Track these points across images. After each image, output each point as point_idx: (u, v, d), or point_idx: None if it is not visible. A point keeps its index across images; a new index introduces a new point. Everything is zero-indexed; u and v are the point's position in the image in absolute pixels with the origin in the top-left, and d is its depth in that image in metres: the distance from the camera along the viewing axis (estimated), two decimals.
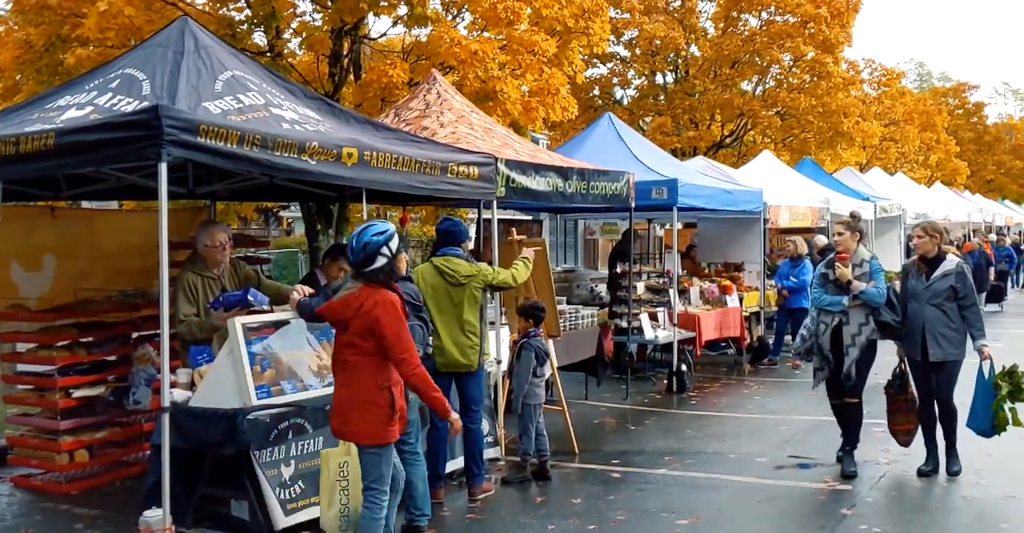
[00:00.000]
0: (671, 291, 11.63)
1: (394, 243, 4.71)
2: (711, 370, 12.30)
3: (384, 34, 14.03)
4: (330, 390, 5.72)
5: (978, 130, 52.43)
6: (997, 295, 19.73)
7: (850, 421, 6.93)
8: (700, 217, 14.26)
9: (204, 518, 5.48)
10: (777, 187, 14.75)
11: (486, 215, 7.37)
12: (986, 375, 6.58)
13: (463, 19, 13.45)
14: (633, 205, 9.57)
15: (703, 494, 6.39)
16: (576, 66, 13.67)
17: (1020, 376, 6.60)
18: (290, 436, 5.46)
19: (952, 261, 6.70)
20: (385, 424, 4.54)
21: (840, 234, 6.93)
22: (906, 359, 6.91)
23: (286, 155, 5.23)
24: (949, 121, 44.02)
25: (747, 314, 13.01)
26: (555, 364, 7.83)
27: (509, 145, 8.40)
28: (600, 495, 6.23)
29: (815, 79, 22.18)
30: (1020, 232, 35.36)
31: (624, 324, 10.53)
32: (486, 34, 12.18)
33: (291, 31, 12.44)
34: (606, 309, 10.94)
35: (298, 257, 22.31)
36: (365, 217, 7.26)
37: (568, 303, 10.57)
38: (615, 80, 23.89)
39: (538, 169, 7.88)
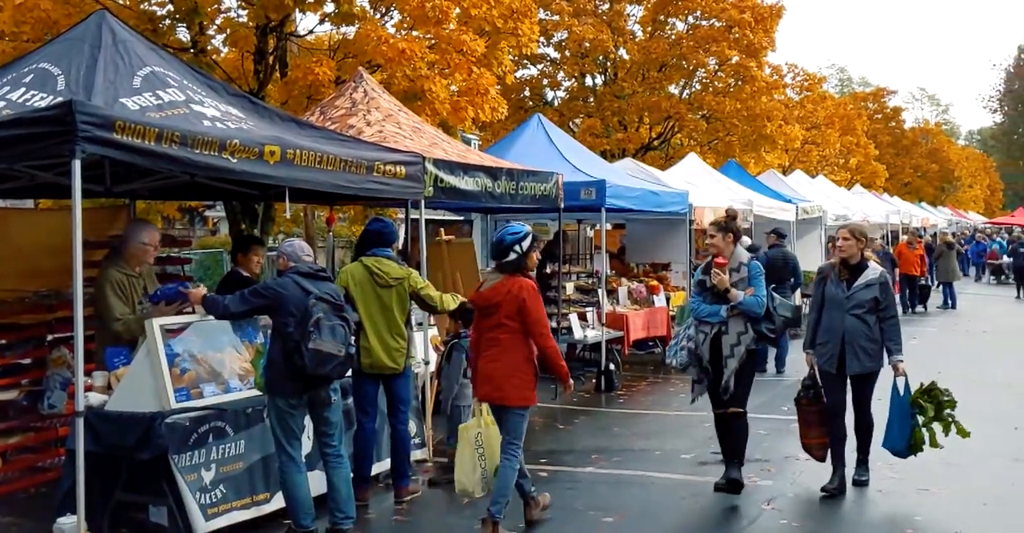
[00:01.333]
0: (600, 291, 11.75)
1: (526, 242, 5.61)
2: (639, 369, 12.43)
3: (311, 31, 13.88)
4: (253, 392, 5.68)
5: (896, 134, 54.14)
6: (924, 296, 20.34)
7: (735, 433, 6.43)
8: (628, 218, 14.41)
9: (121, 524, 5.35)
10: (702, 189, 15.01)
11: (414, 215, 7.32)
12: (901, 392, 6.35)
13: (391, 18, 13.41)
14: (562, 206, 9.63)
15: (630, 491, 6.45)
16: (506, 67, 13.70)
17: (939, 394, 6.42)
18: (210, 440, 5.35)
19: (875, 270, 6.38)
20: (532, 389, 5.57)
21: (711, 236, 6.40)
22: (817, 369, 6.52)
23: (206, 153, 5.13)
24: (868, 125, 45.30)
25: (674, 313, 13.20)
26: None
27: (438, 145, 8.37)
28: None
29: (739, 83, 22.64)
30: (934, 233, 36.57)
31: (553, 324, 10.58)
32: (414, 33, 12.15)
33: (215, 27, 12.21)
34: None
35: (223, 257, 21.89)
36: (289, 216, 7.16)
37: None
38: (545, 81, 24.03)
39: (467, 169, 7.88)
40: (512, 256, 5.56)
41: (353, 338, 5.59)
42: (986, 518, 5.86)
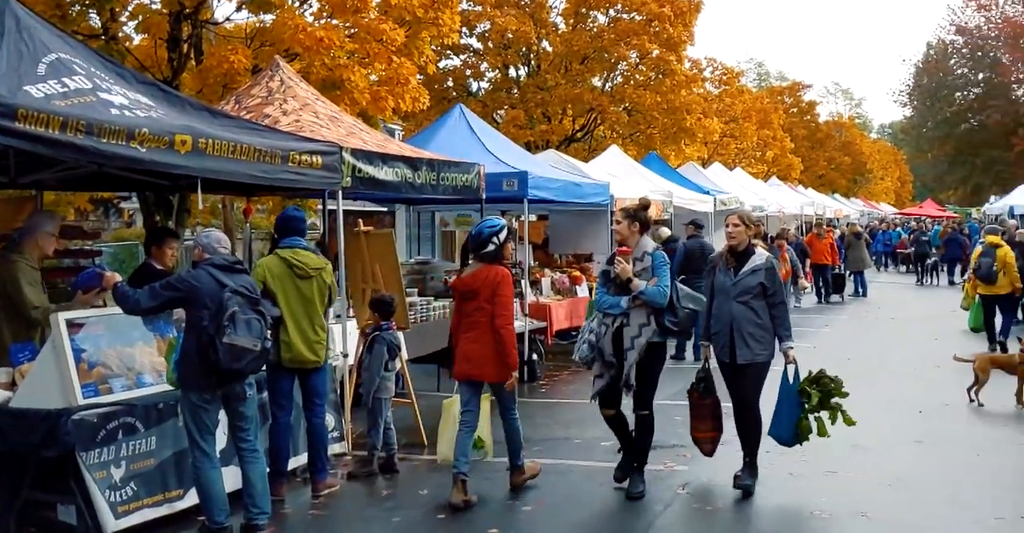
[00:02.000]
0: (523, 282, 11.79)
1: (503, 234, 6.13)
2: (562, 358, 12.52)
3: (228, 19, 13.59)
4: (165, 387, 5.56)
5: (811, 128, 55.54)
6: (838, 286, 20.89)
7: (640, 436, 6.23)
8: (551, 209, 14.50)
9: (29, 523, 5.20)
10: (624, 181, 15.19)
11: (332, 206, 7.24)
12: (790, 380, 6.23)
13: (310, 6, 13.21)
14: (484, 196, 9.64)
15: (550, 480, 6.50)
16: (427, 56, 13.64)
17: (827, 382, 6.29)
18: (120, 436, 5.23)
19: (761, 256, 6.18)
20: (504, 367, 6.06)
21: (617, 222, 6.15)
22: (714, 360, 6.36)
23: (114, 142, 4.99)
24: (784, 119, 46.36)
25: None
26: (405, 357, 7.80)
27: (356, 134, 8.29)
28: (448, 485, 6.23)
29: (660, 76, 22.96)
30: (848, 224, 37.66)
31: None
32: (334, 21, 12.00)
33: (127, 14, 11.87)
34: None
35: (138, 250, 21.31)
36: (202, 207, 7.02)
37: (422, 295, 10.56)
38: (468, 72, 23.98)
39: (386, 159, 7.82)
40: (491, 247, 6.12)
41: (269, 332, 5.52)
42: (889, 499, 6.07)
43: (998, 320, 12.57)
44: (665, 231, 14.52)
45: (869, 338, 14.73)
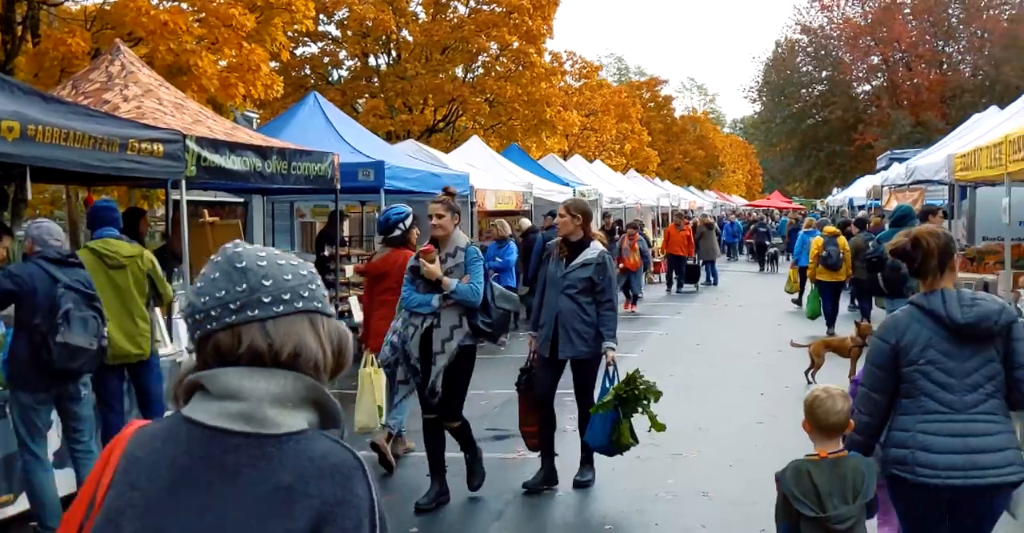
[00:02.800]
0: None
1: (408, 221, 6.61)
2: None
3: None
4: None
5: (667, 122, 57.30)
6: (693, 276, 21.57)
7: (438, 447, 5.77)
8: (411, 200, 14.41)
9: None
10: (484, 172, 15.27)
11: (175, 196, 6.98)
12: (608, 383, 5.95)
13: None
14: (338, 187, 9.50)
15: (402, 471, 6.49)
16: (280, 43, 13.33)
17: (639, 383, 5.88)
18: None
19: (595, 249, 5.92)
20: None
21: (439, 216, 5.53)
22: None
23: None
24: (642, 113, 47.63)
25: None
26: None
27: (202, 122, 8.01)
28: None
29: (520, 68, 23.17)
30: (700, 216, 39.07)
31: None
32: (181, 5, 11.55)
33: None
34: None
35: None
36: (29, 197, 6.64)
37: None
38: (326, 60, 23.55)
39: (234, 148, 7.59)
40: (397, 232, 6.57)
41: (105, 329, 5.28)
42: (730, 478, 6.34)
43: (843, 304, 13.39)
44: (525, 222, 14.74)
45: (718, 325, 15.33)
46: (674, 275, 20.70)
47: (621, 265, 15.83)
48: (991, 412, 3.25)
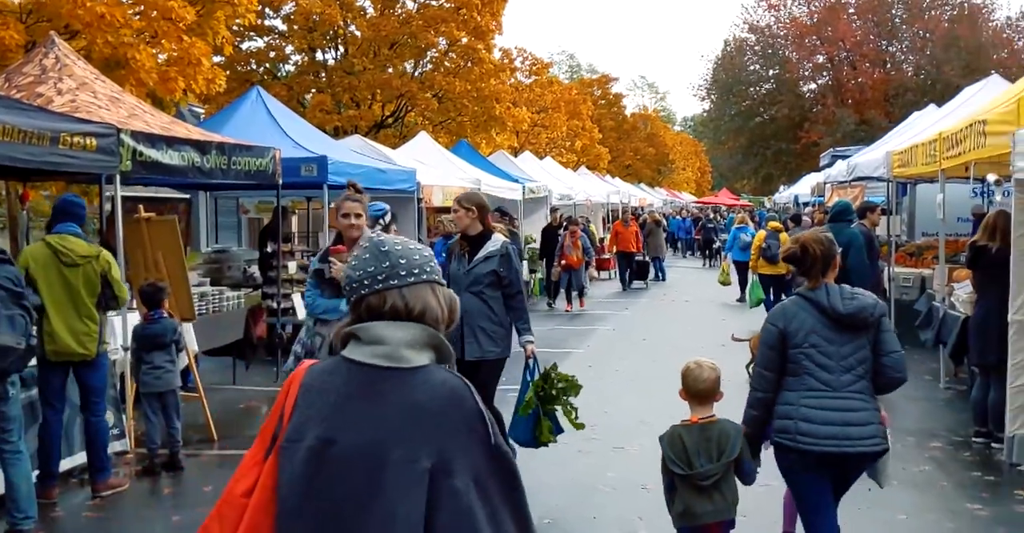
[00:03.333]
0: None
1: (388, 217, 6.89)
2: None
3: None
4: None
5: (618, 119, 57.59)
6: (642, 272, 21.66)
7: None
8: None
9: None
10: (432, 168, 15.20)
11: (109, 191, 6.84)
12: (529, 377, 5.79)
13: None
14: (280, 182, 9.38)
15: None
16: (224, 37, 13.11)
17: (555, 380, 5.71)
18: None
19: (497, 241, 5.71)
20: None
21: (358, 215, 5.07)
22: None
23: None
24: (593, 110, 47.83)
25: None
26: (192, 349, 7.49)
27: (138, 116, 7.86)
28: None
29: (469, 64, 23.09)
30: (648, 213, 39.38)
31: (275, 304, 10.31)
32: None
33: None
34: (260, 290, 10.66)
35: None
36: None
37: (218, 284, 10.18)
38: (272, 54, 23.25)
39: (171, 142, 7.47)
40: (378, 229, 6.50)
41: (35, 328, 5.17)
42: None
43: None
44: None
45: (664, 319, 15.47)
46: (626, 271, 20.76)
47: (564, 262, 15.94)
48: (861, 392, 3.80)
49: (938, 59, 46.82)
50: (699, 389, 4.01)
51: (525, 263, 17.28)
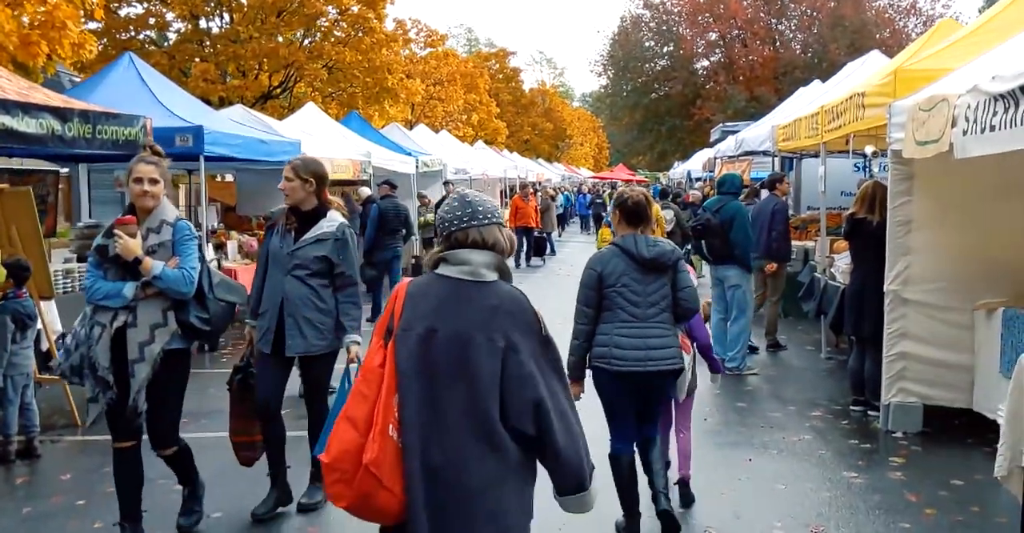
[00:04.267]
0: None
1: None
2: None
3: None
4: None
5: (516, 94, 57.45)
6: (540, 248, 21.62)
7: (180, 470, 4.74)
8: (239, 168, 13.82)
9: None
10: (319, 139, 14.75)
11: None
12: (348, 385, 4.37)
13: None
14: None
15: (209, 454, 6.07)
16: (93, 1, 12.35)
17: None
18: None
19: (333, 221, 4.86)
20: None
21: (153, 181, 4.29)
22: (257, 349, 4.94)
23: None
24: (491, 84, 47.53)
25: None
26: (53, 329, 7.03)
27: None
28: (96, 468, 5.66)
29: (360, 34, 22.48)
30: (544, 188, 39.48)
31: None
32: None
33: None
34: None
35: None
36: None
37: (85, 261, 9.63)
38: (152, 21, 22.16)
39: (28, 109, 6.94)
40: None
41: None
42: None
43: None
44: (365, 191, 14.31)
45: (556, 293, 15.40)
46: (524, 246, 20.65)
47: None
48: (663, 322, 4.55)
49: (824, 38, 48.18)
50: None
51: (418, 241, 16.97)
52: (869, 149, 7.27)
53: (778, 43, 52.61)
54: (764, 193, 10.73)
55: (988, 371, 6.19)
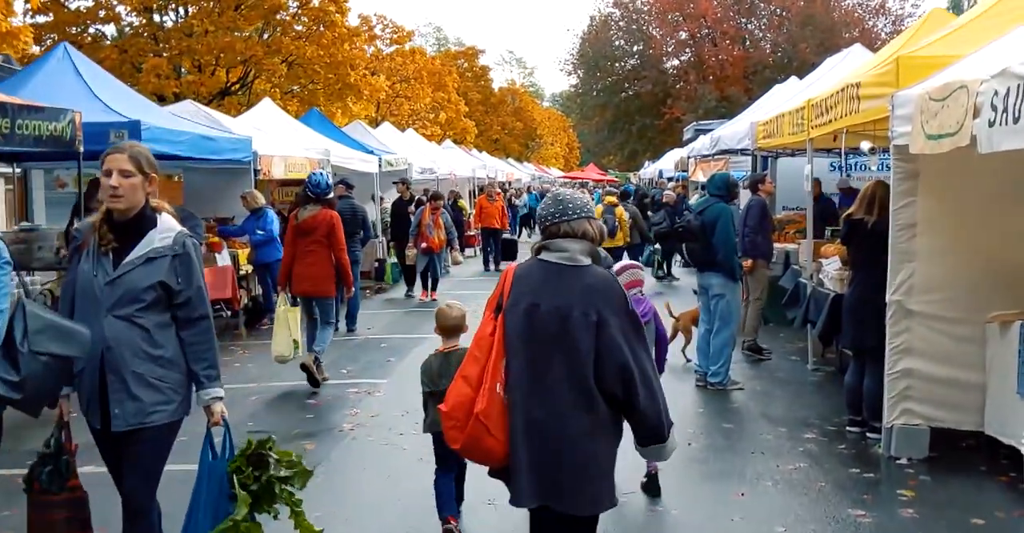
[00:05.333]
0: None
1: (332, 183, 8.56)
2: None
3: None
4: None
5: (485, 93, 56.74)
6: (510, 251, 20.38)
7: None
8: (185, 166, 13.00)
9: None
10: (274, 137, 13.97)
11: None
12: (216, 454, 3.65)
13: None
14: (82, 150, 8.11)
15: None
16: None
17: (270, 462, 3.71)
18: None
19: (169, 231, 3.52)
20: (335, 285, 8.36)
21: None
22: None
23: None
24: (460, 83, 46.76)
25: (244, 272, 12.14)
26: None
27: None
28: None
29: (321, 28, 21.62)
30: (518, 188, 38.83)
31: None
32: None
33: None
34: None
35: None
36: None
37: (25, 267, 8.87)
38: (102, 13, 21.17)
39: None
40: (330, 194, 8.48)
41: None
42: None
43: None
44: (257, 195, 13.24)
45: None
46: (490, 249, 19.66)
47: (424, 244, 14.16)
48: None
49: (794, 37, 47.91)
50: (448, 325, 4.75)
51: (381, 243, 16.17)
52: (866, 145, 6.63)
53: (748, 42, 52.31)
54: (745, 195, 10.11)
55: (1002, 391, 5.56)
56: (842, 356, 8.70)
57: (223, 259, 11.47)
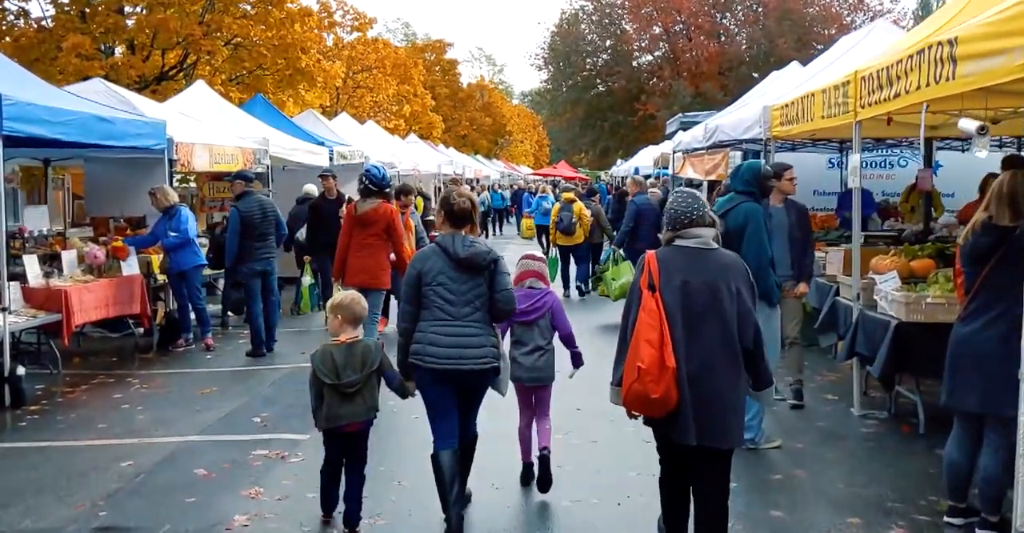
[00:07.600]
0: (26, 258, 8.49)
1: (390, 178, 8.95)
2: (95, 362, 9.22)
3: None
4: None
5: (454, 87, 54.78)
6: None
7: None
8: (88, 156, 10.96)
9: None
10: (204, 123, 11.99)
11: None
12: None
13: None
14: None
15: None
16: None
17: None
18: None
19: None
20: (389, 276, 8.46)
21: None
22: None
23: None
24: (427, 77, 44.76)
25: (160, 283, 10.15)
26: None
27: None
28: None
29: (268, 7, 19.47)
30: (489, 185, 37.02)
31: None
32: None
33: None
34: None
35: None
36: None
37: None
38: None
39: None
40: (388, 188, 8.65)
41: None
42: None
43: (573, 269, 14.11)
44: (169, 191, 11.13)
45: None
46: None
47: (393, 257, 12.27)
48: (478, 321, 4.60)
49: (771, 32, 46.47)
50: (351, 317, 4.70)
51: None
52: (972, 125, 4.73)
53: (723, 37, 50.82)
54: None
55: None
56: (897, 399, 6.88)
57: (130, 267, 9.45)
